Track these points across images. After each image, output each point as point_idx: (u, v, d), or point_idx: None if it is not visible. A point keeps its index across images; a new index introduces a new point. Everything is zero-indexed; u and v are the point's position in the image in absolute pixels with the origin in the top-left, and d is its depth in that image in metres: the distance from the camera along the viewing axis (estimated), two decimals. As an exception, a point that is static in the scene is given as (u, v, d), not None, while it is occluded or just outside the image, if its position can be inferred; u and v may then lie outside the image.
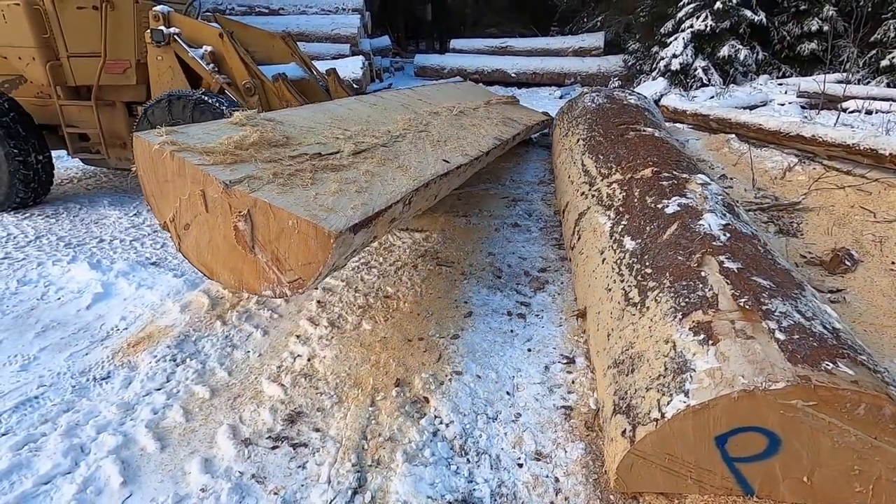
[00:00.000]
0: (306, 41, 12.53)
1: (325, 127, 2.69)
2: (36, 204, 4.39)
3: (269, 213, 1.78)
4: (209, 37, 3.94)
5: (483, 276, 3.06)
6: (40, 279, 3.11)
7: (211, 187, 1.86)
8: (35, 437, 1.88)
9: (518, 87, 13.09)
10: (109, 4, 3.86)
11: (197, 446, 1.86)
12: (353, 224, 1.81)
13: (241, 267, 1.96)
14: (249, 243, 1.86)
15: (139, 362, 2.33)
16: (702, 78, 9.04)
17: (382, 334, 2.49)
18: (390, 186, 2.23)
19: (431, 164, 2.72)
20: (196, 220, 1.98)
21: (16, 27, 4.00)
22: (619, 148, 3.58)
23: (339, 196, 1.96)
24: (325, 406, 2.03)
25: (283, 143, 2.24)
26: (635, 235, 2.38)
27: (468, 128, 3.94)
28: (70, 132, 4.30)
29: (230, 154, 1.97)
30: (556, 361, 2.29)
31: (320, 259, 1.77)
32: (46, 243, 3.65)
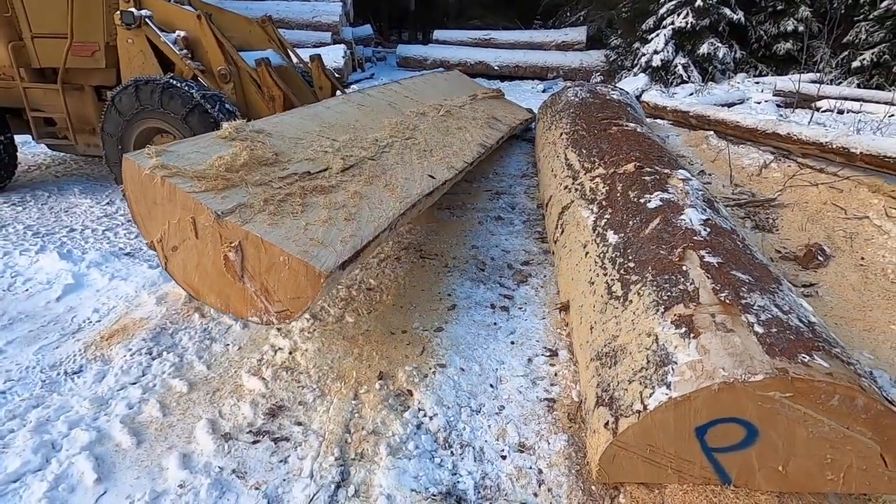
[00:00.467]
0: (286, 28, 12.26)
1: (313, 137, 2.67)
2: (0, 190, 4.21)
3: (260, 246, 1.80)
4: (184, 20, 3.80)
5: (467, 269, 3.05)
6: (6, 269, 2.99)
7: (202, 215, 1.86)
8: (2, 434, 1.81)
9: (501, 80, 13.07)
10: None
11: (175, 441, 1.81)
12: (344, 261, 1.85)
13: (228, 292, 1.97)
14: (239, 273, 1.87)
15: (113, 356, 2.26)
16: (682, 75, 9.17)
17: (365, 327, 2.47)
18: (377, 211, 2.27)
19: (418, 181, 2.76)
20: (184, 244, 1.97)
21: None
22: (603, 143, 3.61)
23: (329, 226, 1.99)
24: (307, 400, 2.01)
25: (273, 161, 2.24)
26: (618, 229, 2.40)
27: (454, 132, 3.95)
28: (35, 116, 4.11)
29: (221, 179, 1.95)
30: (539, 354, 2.31)
31: (309, 295, 1.80)
32: (13, 232, 3.50)
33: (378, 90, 4.23)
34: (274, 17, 13.86)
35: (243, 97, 3.89)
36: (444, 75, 6.50)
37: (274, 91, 3.78)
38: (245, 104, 3.88)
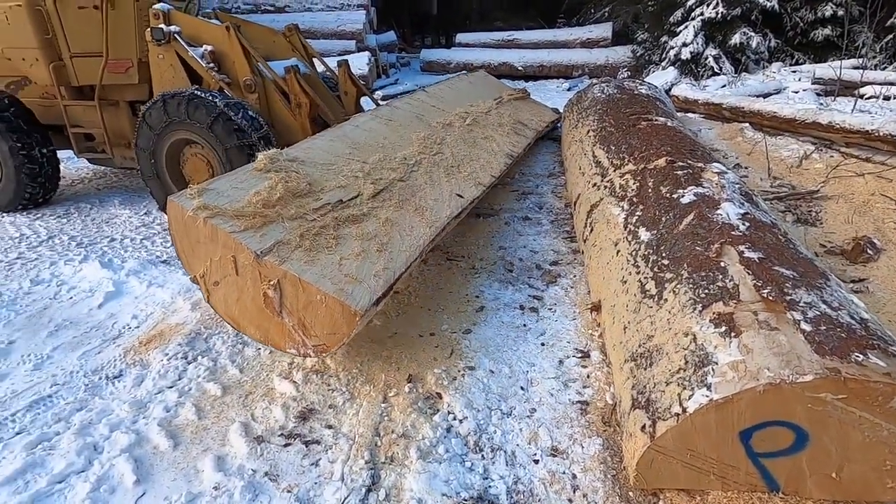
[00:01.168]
0: (312, 38, 12.51)
1: (344, 161, 2.73)
2: (45, 202, 4.42)
3: (298, 285, 1.89)
4: (211, 34, 3.89)
5: (494, 271, 3.02)
6: (53, 278, 3.13)
7: (242, 254, 1.95)
8: (49, 436, 1.88)
9: (525, 80, 12.98)
10: (110, 3, 3.81)
11: (209, 444, 1.85)
12: (378, 297, 1.93)
13: (267, 326, 2.06)
14: (278, 309, 1.96)
15: (151, 360, 2.33)
16: (713, 67, 8.88)
17: (394, 329, 2.46)
18: (408, 240, 2.35)
19: (446, 202, 2.83)
20: (225, 280, 2.06)
21: (19, 29, 3.98)
22: (632, 138, 3.51)
23: (363, 260, 2.08)
24: (337, 403, 2.01)
25: (307, 192, 2.31)
26: (650, 226, 2.33)
27: (480, 143, 3.98)
28: (75, 132, 4.29)
29: (259, 216, 2.04)
30: (571, 356, 2.25)
31: (345, 332, 1.89)
32: (58, 243, 3.67)
33: (405, 101, 4.29)
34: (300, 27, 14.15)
35: (267, 106, 3.94)
36: (469, 77, 6.49)
37: (301, 98, 3.82)
38: (269, 113, 3.94)
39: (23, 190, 4.14)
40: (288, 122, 3.90)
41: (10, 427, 1.93)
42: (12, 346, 2.45)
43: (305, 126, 3.84)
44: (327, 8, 13.41)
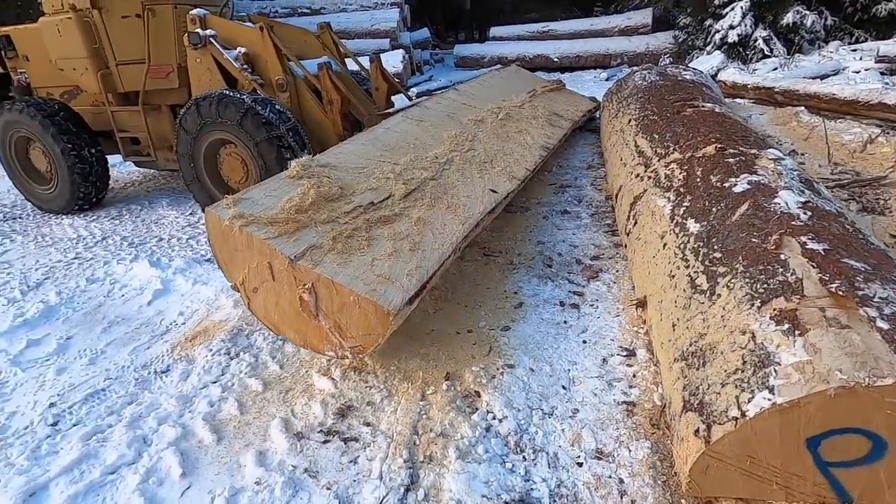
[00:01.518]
0: (346, 38, 12.67)
1: (375, 164, 2.74)
2: (98, 202, 4.66)
3: (332, 287, 1.90)
4: (245, 36, 3.96)
5: (533, 266, 2.94)
6: (106, 277, 3.27)
7: (277, 260, 1.97)
8: (102, 428, 1.96)
9: (561, 72, 12.69)
10: (151, 11, 3.96)
11: (251, 439, 1.87)
12: (411, 296, 1.91)
13: (305, 329, 2.08)
14: (314, 312, 1.98)
15: (196, 356, 2.39)
16: (763, 49, 8.40)
17: (431, 327, 2.43)
18: (441, 237, 2.32)
19: (480, 198, 2.78)
20: (263, 286, 2.10)
21: (69, 40, 4.19)
22: (677, 126, 3.35)
23: (395, 260, 2.06)
24: (375, 400, 2.00)
25: (339, 196, 2.33)
26: (700, 217, 2.19)
27: (514, 137, 3.90)
28: (122, 136, 4.50)
29: (292, 222, 2.07)
30: (615, 354, 2.16)
31: (380, 332, 1.88)
32: (112, 243, 3.84)
33: (435, 101, 4.26)
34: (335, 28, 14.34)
35: (298, 105, 4.00)
36: (501, 73, 6.38)
37: (332, 95, 3.84)
38: (300, 111, 3.99)
39: (76, 190, 4.37)
40: (319, 119, 3.94)
41: (68, 419, 2.03)
42: (70, 342, 2.58)
43: (336, 122, 3.87)
44: (361, 7, 13.54)
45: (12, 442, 1.91)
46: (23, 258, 3.67)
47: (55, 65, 4.43)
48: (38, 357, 2.45)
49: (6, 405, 2.12)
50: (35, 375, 2.31)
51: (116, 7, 4.04)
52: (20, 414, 2.07)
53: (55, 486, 1.71)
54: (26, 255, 3.70)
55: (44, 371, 2.34)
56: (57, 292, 3.07)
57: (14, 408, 2.10)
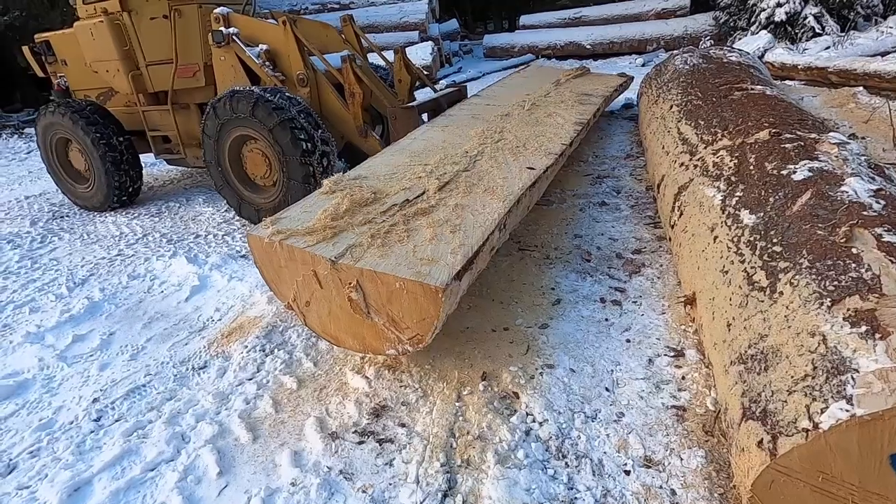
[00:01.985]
0: (375, 32, 12.67)
1: (405, 168, 2.74)
2: (134, 198, 4.82)
3: (376, 279, 1.85)
4: (267, 33, 3.98)
5: (570, 261, 2.83)
6: (147, 274, 3.35)
7: (320, 266, 1.96)
8: (143, 424, 1.98)
9: (594, 59, 12.34)
10: (177, 12, 4.03)
11: (286, 438, 1.86)
12: (457, 271, 1.82)
13: (361, 332, 2.04)
14: (365, 310, 1.93)
15: (232, 352, 2.40)
16: (814, 27, 7.89)
17: (466, 324, 2.37)
18: (482, 216, 2.24)
19: (517, 176, 2.69)
20: (314, 297, 2.08)
21: (102, 43, 4.33)
22: (724, 110, 3.15)
23: (437, 242, 2.00)
24: (409, 400, 1.95)
25: (373, 200, 2.34)
26: (755, 208, 2.03)
27: (544, 121, 3.76)
28: (153, 135, 4.64)
29: (329, 228, 2.08)
30: (662, 354, 2.04)
31: (433, 314, 1.80)
32: (151, 240, 3.94)
33: (457, 108, 4.21)
34: (363, 22, 14.35)
35: (318, 99, 4.02)
36: (523, 73, 6.23)
37: (354, 88, 3.82)
38: (320, 105, 4.02)
39: (112, 185, 4.51)
40: (339, 112, 3.96)
41: (110, 414, 2.06)
42: (112, 338, 2.64)
43: (357, 115, 3.88)
44: (390, 1, 13.49)
45: (59, 436, 1.96)
46: (70, 255, 3.80)
47: (90, 67, 4.59)
48: (82, 352, 2.52)
49: (53, 399, 2.18)
50: (80, 370, 2.37)
51: (145, 9, 4.15)
52: (66, 409, 2.12)
53: (98, 482, 1.74)
54: (73, 253, 3.84)
55: (88, 366, 2.40)
56: (101, 289, 3.16)
57: (60, 402, 2.16)
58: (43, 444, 1.93)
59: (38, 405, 2.16)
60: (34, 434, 1.97)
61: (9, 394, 2.23)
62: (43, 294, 3.18)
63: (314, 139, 3.51)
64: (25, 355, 2.51)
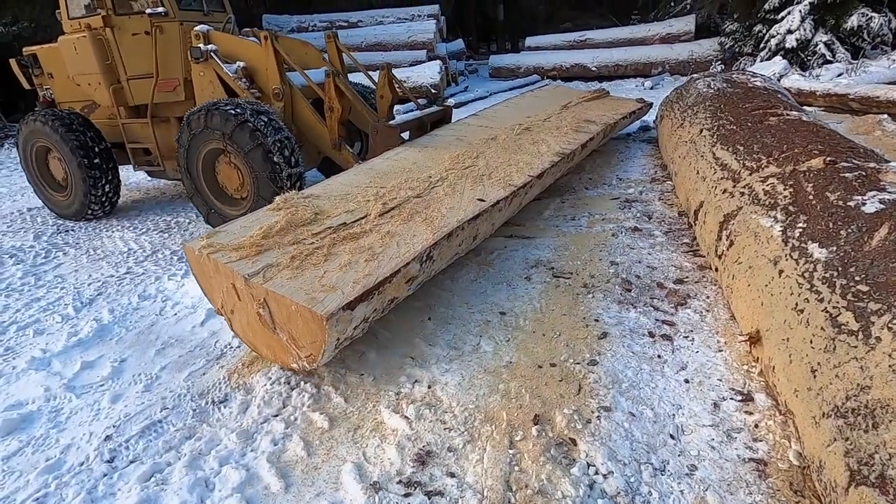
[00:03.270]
0: (384, 50, 12.71)
1: (360, 190, 2.82)
2: (110, 210, 4.79)
3: (277, 300, 1.96)
4: (246, 50, 4.07)
5: (610, 290, 2.69)
6: (158, 294, 3.18)
7: (237, 280, 2.08)
8: (161, 467, 1.80)
9: (599, 81, 12.42)
10: (159, 29, 4.15)
11: (322, 487, 1.68)
12: (348, 302, 1.89)
13: (272, 344, 2.16)
14: (271, 326, 2.06)
15: (254, 384, 2.23)
16: (824, 54, 7.94)
17: (507, 358, 2.21)
18: (406, 246, 2.29)
19: (464, 208, 2.70)
20: (236, 307, 2.21)
21: (85, 57, 4.43)
22: (764, 136, 3.05)
23: (346, 271, 2.08)
24: (456, 445, 1.78)
25: (311, 220, 2.42)
26: (825, 242, 1.91)
27: (526, 148, 3.74)
28: (132, 147, 4.72)
29: (255, 246, 2.18)
30: (727, 397, 1.88)
31: (321, 338, 1.89)
32: (161, 258, 3.77)
33: (447, 128, 4.19)
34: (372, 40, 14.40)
35: (292, 112, 4.08)
36: (536, 93, 6.17)
37: (334, 103, 3.82)
38: (293, 119, 4.09)
39: (89, 196, 4.49)
40: (313, 126, 4.06)
41: (124, 455, 1.88)
42: (124, 365, 2.46)
43: (333, 129, 3.92)
44: (398, 20, 13.59)
45: (68, 480, 1.77)
46: (76, 272, 3.63)
47: (73, 80, 4.67)
48: (92, 381, 2.34)
49: (61, 436, 2.00)
50: (90, 402, 2.19)
51: (127, 25, 4.29)
52: (75, 447, 1.93)
53: (113, 537, 1.56)
54: (79, 269, 3.67)
55: (98, 398, 2.22)
56: (110, 310, 2.99)
57: (69, 439, 1.98)
58: (50, 489, 1.74)
59: (45, 442, 1.97)
60: (40, 477, 1.78)
61: (12, 428, 2.04)
62: (48, 314, 3.01)
63: (287, 160, 3.58)
64: (30, 384, 2.33)
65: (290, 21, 14.07)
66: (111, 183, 4.64)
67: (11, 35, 10.31)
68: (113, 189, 4.69)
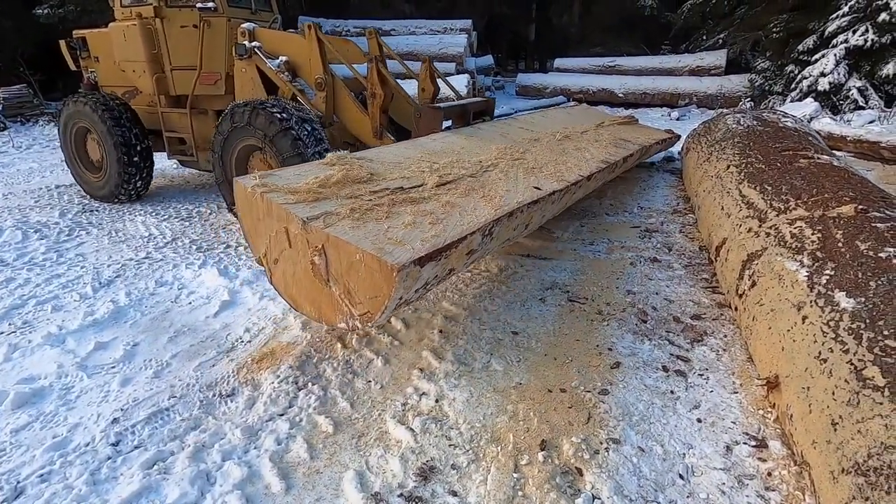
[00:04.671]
0: (415, 60, 12.86)
1: (413, 161, 2.73)
2: (141, 195, 4.91)
3: (339, 247, 1.83)
4: (289, 44, 4.14)
5: (625, 319, 2.66)
6: (174, 281, 3.21)
7: (292, 224, 1.95)
8: (164, 456, 1.81)
9: (626, 108, 12.41)
10: (207, 23, 4.27)
11: (322, 492, 1.67)
12: (419, 257, 1.76)
13: (319, 299, 2.03)
14: (325, 276, 1.92)
15: (262, 381, 2.23)
16: (857, 100, 7.86)
17: (517, 379, 2.19)
18: (469, 217, 2.18)
19: (521, 192, 2.61)
20: (283, 255, 2.08)
21: (132, 44, 4.58)
22: (793, 178, 3.02)
23: (412, 229, 1.97)
24: (460, 463, 1.76)
25: (367, 180, 2.31)
26: (854, 292, 1.87)
27: (570, 152, 3.69)
28: (169, 136, 4.83)
29: (313, 192, 2.07)
30: (741, 442, 1.84)
31: (385, 292, 1.76)
32: (181, 246, 3.82)
33: (490, 124, 4.19)
34: (403, 50, 14.58)
35: (334, 101, 4.15)
36: (567, 109, 6.20)
37: (376, 89, 3.86)
38: (335, 108, 4.16)
39: (122, 180, 4.62)
40: (354, 115, 4.10)
41: (129, 440, 1.89)
42: (136, 349, 2.49)
43: (375, 116, 3.95)
44: (430, 32, 13.76)
45: (73, 460, 1.78)
46: (97, 252, 3.69)
47: (118, 66, 4.83)
48: (104, 363, 2.36)
49: (70, 415, 2.02)
50: (100, 383, 2.21)
51: (177, 17, 4.41)
52: (83, 427, 1.95)
53: (112, 521, 1.56)
54: (100, 250, 3.73)
55: (109, 379, 2.24)
56: (126, 293, 3.03)
57: (77, 418, 1.99)
58: (55, 466, 1.75)
59: (54, 419, 1.99)
60: (46, 454, 1.80)
61: (23, 402, 2.07)
62: (67, 291, 3.05)
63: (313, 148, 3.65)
64: (44, 359, 2.36)
65: (325, 24, 14.32)
66: (145, 169, 4.77)
67: (57, 17, 10.63)
68: (146, 175, 4.82)
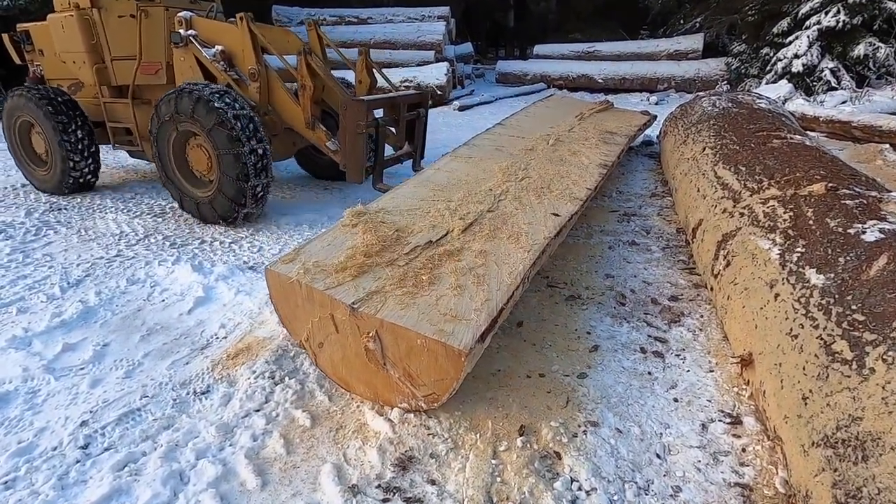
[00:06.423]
0: (392, 49, 12.70)
1: (428, 203, 2.72)
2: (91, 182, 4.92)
3: (396, 332, 1.75)
4: (224, 34, 4.09)
5: (604, 302, 2.67)
6: (147, 279, 3.13)
7: (338, 311, 1.87)
8: (136, 457, 1.76)
9: (605, 93, 12.44)
10: (144, 13, 4.21)
11: (299, 487, 1.64)
12: (482, 333, 1.73)
13: (374, 381, 1.94)
14: (381, 361, 1.85)
15: (238, 377, 2.19)
16: (829, 81, 7.99)
17: (496, 366, 2.18)
18: (506, 267, 2.15)
19: (542, 222, 2.62)
20: (328, 340, 2.00)
21: (71, 35, 4.50)
22: (766, 158, 3.05)
23: (460, 295, 1.91)
24: (439, 452, 1.75)
25: (395, 238, 2.27)
26: (823, 268, 1.89)
27: (568, 160, 3.74)
28: (112, 127, 4.79)
29: (349, 270, 1.99)
30: (716, 419, 1.86)
31: (453, 375, 1.72)
32: (154, 242, 3.72)
33: (482, 137, 4.21)
34: (381, 38, 14.37)
35: (268, 93, 4.10)
36: (545, 103, 6.22)
37: (306, 81, 3.83)
38: (270, 99, 4.11)
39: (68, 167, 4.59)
40: (288, 106, 4.07)
41: (99, 442, 1.84)
42: (107, 349, 2.42)
43: (307, 108, 3.93)
44: (408, 20, 13.58)
45: (39, 465, 1.72)
46: (65, 252, 3.57)
47: (59, 58, 4.73)
48: (72, 364, 2.29)
49: (36, 419, 1.95)
50: (68, 386, 2.15)
51: (114, 7, 4.34)
52: (50, 431, 1.89)
53: (81, 526, 1.51)
54: (69, 249, 3.61)
55: (78, 381, 2.17)
56: (97, 292, 2.94)
57: (44, 423, 1.93)
58: (20, 472, 1.69)
59: (19, 424, 1.92)
60: (11, 460, 1.74)
61: (-14, 408, 2.00)
62: (33, 293, 2.95)
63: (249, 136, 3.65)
64: (9, 363, 2.28)
65: (300, 13, 14.03)
66: (90, 160, 4.75)
67: (18, 9, 10.21)
68: (92, 166, 4.80)
